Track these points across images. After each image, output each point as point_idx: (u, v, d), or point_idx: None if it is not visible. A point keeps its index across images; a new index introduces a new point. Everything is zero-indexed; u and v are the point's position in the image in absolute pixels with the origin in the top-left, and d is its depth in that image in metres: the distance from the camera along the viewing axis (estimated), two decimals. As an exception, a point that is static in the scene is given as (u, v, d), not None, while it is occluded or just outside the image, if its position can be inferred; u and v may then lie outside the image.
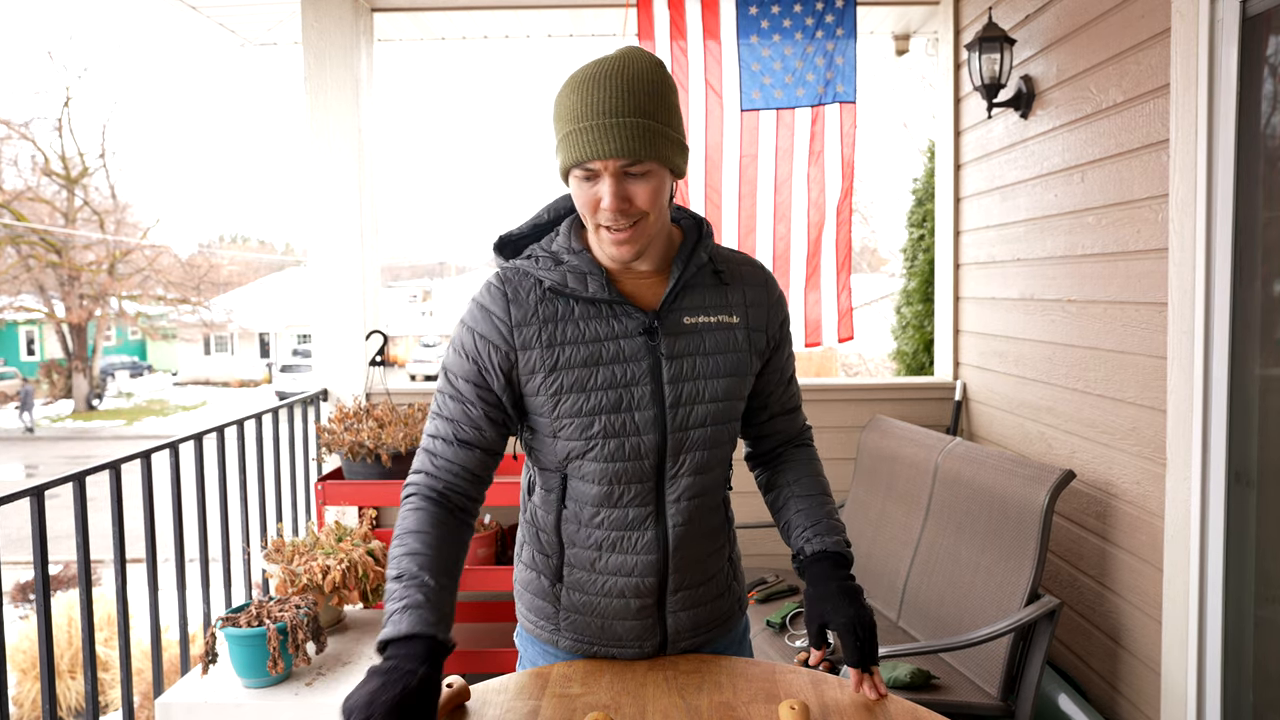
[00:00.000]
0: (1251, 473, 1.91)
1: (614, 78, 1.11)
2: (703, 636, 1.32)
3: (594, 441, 1.20)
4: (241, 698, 2.02)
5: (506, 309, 1.20)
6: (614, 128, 1.09)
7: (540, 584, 1.31)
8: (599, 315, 1.20)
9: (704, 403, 1.22)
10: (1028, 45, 2.75)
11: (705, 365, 1.22)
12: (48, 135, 26.67)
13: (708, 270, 1.27)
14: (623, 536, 1.24)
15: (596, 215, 1.14)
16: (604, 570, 1.26)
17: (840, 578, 1.23)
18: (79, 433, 21.68)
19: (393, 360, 3.43)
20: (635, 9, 3.33)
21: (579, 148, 1.11)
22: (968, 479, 2.46)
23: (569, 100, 1.12)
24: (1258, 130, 1.85)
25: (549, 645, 1.33)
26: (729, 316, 1.26)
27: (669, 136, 1.14)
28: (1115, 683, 2.34)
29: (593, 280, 1.20)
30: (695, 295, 1.25)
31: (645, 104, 1.11)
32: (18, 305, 25.08)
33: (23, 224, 23.52)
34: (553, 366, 1.19)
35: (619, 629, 1.28)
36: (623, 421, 1.19)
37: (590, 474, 1.22)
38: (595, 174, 1.12)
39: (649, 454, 1.21)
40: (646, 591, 1.26)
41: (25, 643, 5.05)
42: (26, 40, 48.29)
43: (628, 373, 1.19)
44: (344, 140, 3.29)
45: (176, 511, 2.40)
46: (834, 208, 3.43)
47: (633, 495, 1.23)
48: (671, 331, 1.21)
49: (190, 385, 30.18)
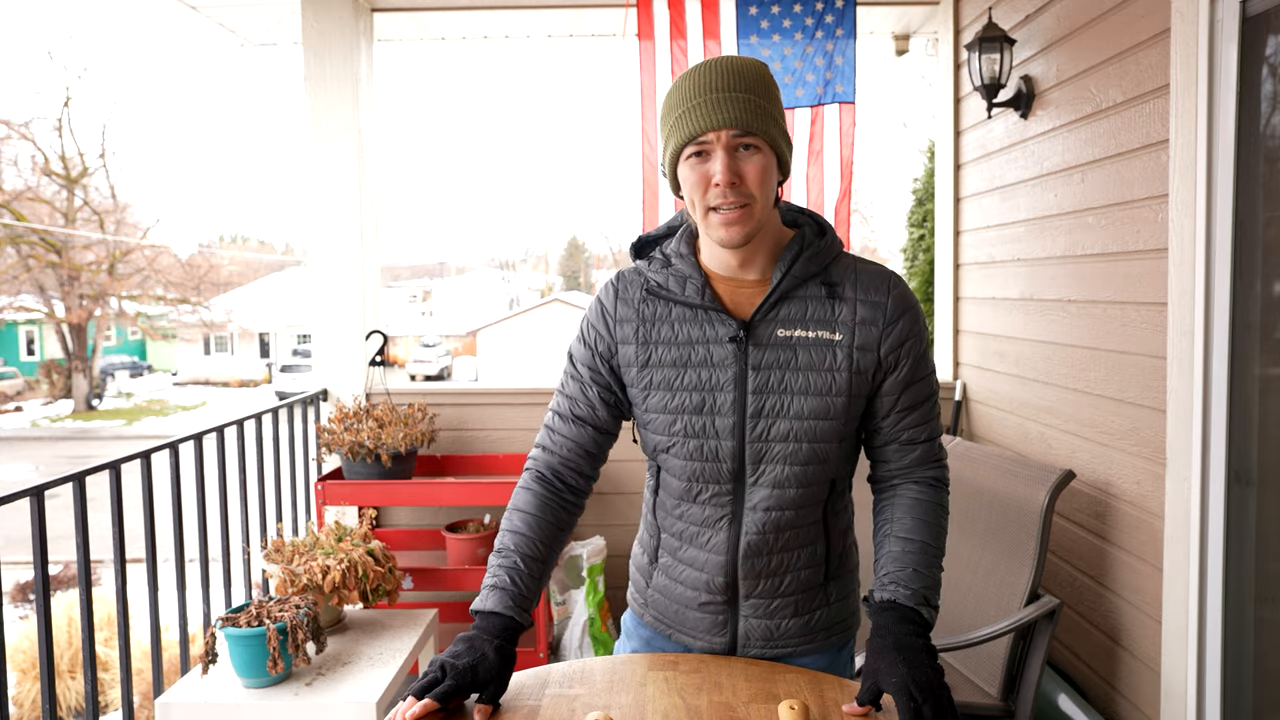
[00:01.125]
0: (1251, 472, 1.91)
1: (723, 63, 1.16)
2: (779, 649, 1.31)
3: (676, 439, 1.25)
4: (241, 698, 2.02)
5: (614, 304, 1.28)
6: (725, 101, 1.13)
7: (642, 560, 1.40)
8: (694, 319, 1.24)
9: (788, 418, 1.21)
10: (1028, 45, 2.75)
11: (794, 380, 1.20)
12: (48, 135, 26.67)
13: (817, 281, 1.22)
14: (699, 532, 1.29)
15: (707, 196, 1.16)
16: (683, 560, 1.31)
17: (902, 633, 1.13)
18: (79, 433, 21.67)
19: (393, 360, 3.43)
20: (635, 9, 3.34)
21: (692, 122, 1.14)
22: (968, 479, 2.46)
23: (680, 87, 1.17)
24: (1258, 130, 1.85)
25: (639, 618, 1.41)
26: (831, 333, 1.20)
27: (777, 121, 1.17)
28: (1115, 683, 2.34)
29: (691, 284, 1.24)
30: (796, 307, 1.21)
31: (754, 85, 1.15)
32: (17, 305, 25.07)
33: (23, 224, 23.51)
34: (645, 363, 1.25)
35: (692, 619, 1.33)
36: (703, 424, 1.23)
37: (673, 468, 1.28)
38: (707, 151, 1.15)
39: (727, 459, 1.23)
40: (717, 589, 1.29)
41: (25, 643, 5.05)
42: (26, 40, 48.30)
43: (714, 377, 1.22)
44: (344, 140, 3.29)
45: (176, 511, 2.40)
46: (833, 207, 3.44)
47: (710, 495, 1.26)
48: (761, 343, 1.21)
49: (190, 385, 30.18)
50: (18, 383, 26.17)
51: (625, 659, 1.30)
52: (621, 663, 1.29)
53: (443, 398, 3.42)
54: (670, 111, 1.18)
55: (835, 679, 1.23)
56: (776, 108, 1.17)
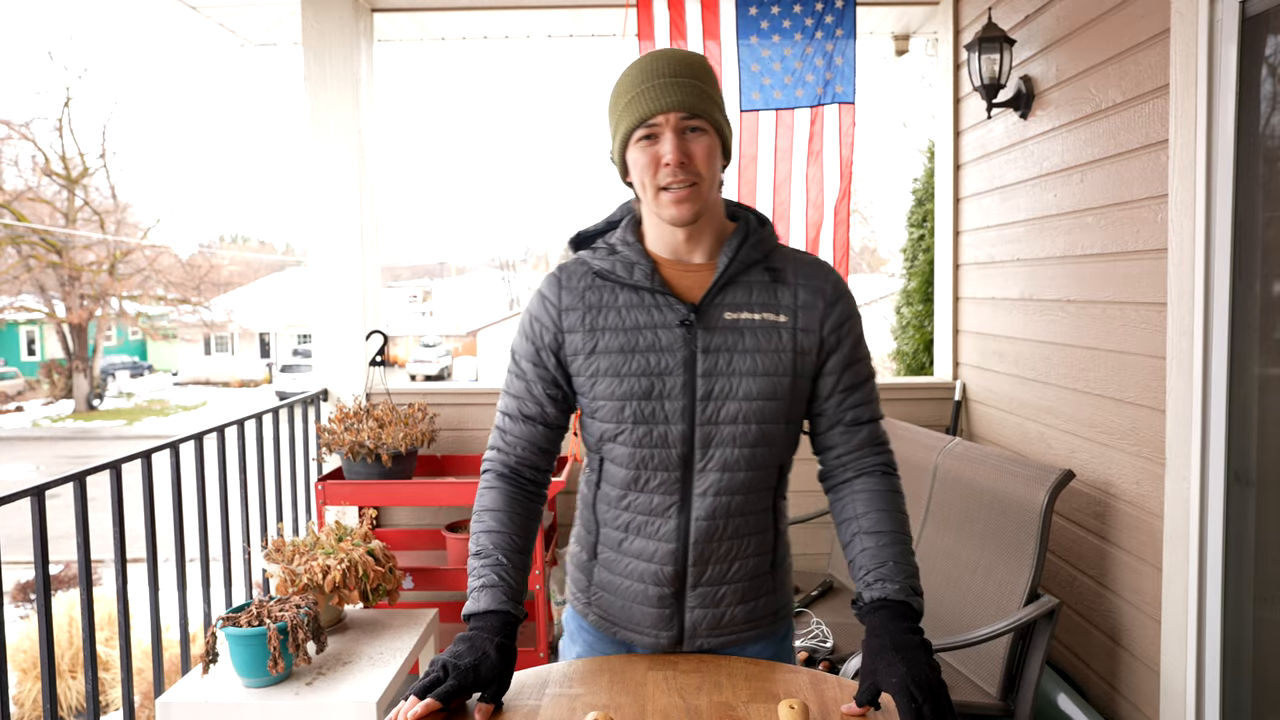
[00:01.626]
0: (1250, 472, 1.91)
1: (670, 53, 1.22)
2: (724, 638, 1.32)
3: (624, 425, 1.25)
4: (242, 697, 2.02)
5: (558, 294, 1.28)
6: (674, 85, 1.19)
7: (581, 557, 1.39)
8: (641, 304, 1.25)
9: (737, 399, 1.23)
10: (1027, 45, 2.75)
11: (742, 362, 1.23)
12: (48, 135, 26.64)
13: (760, 267, 1.27)
14: (646, 521, 1.28)
15: (657, 176, 1.20)
16: (628, 553, 1.31)
17: (897, 631, 1.14)
18: (79, 433, 21.67)
19: (393, 360, 3.44)
20: (635, 9, 3.34)
21: (643, 105, 1.19)
22: (967, 479, 2.46)
23: (628, 75, 1.23)
24: (1257, 130, 1.85)
25: (582, 618, 1.40)
26: (776, 315, 1.25)
27: (720, 106, 1.24)
28: (1114, 682, 2.35)
29: (639, 269, 1.25)
30: (741, 292, 1.26)
31: (699, 72, 1.22)
32: (18, 305, 25.07)
33: (23, 224, 23.51)
34: (591, 350, 1.25)
35: (638, 614, 1.32)
36: (653, 409, 1.24)
37: (619, 457, 1.27)
38: (656, 133, 1.20)
39: (676, 443, 1.24)
40: (665, 580, 1.29)
41: (26, 642, 5.05)
42: (27, 40, 48.32)
43: (662, 362, 1.23)
44: (344, 140, 3.30)
45: (177, 511, 2.40)
46: (832, 207, 3.44)
47: (658, 482, 1.27)
48: (710, 326, 1.24)
49: (191, 385, 30.18)
50: (18, 383, 26.18)
51: (625, 659, 1.30)
52: (621, 663, 1.29)
53: (443, 398, 3.42)
54: (619, 99, 1.23)
55: (835, 678, 1.23)
56: (718, 94, 1.24)
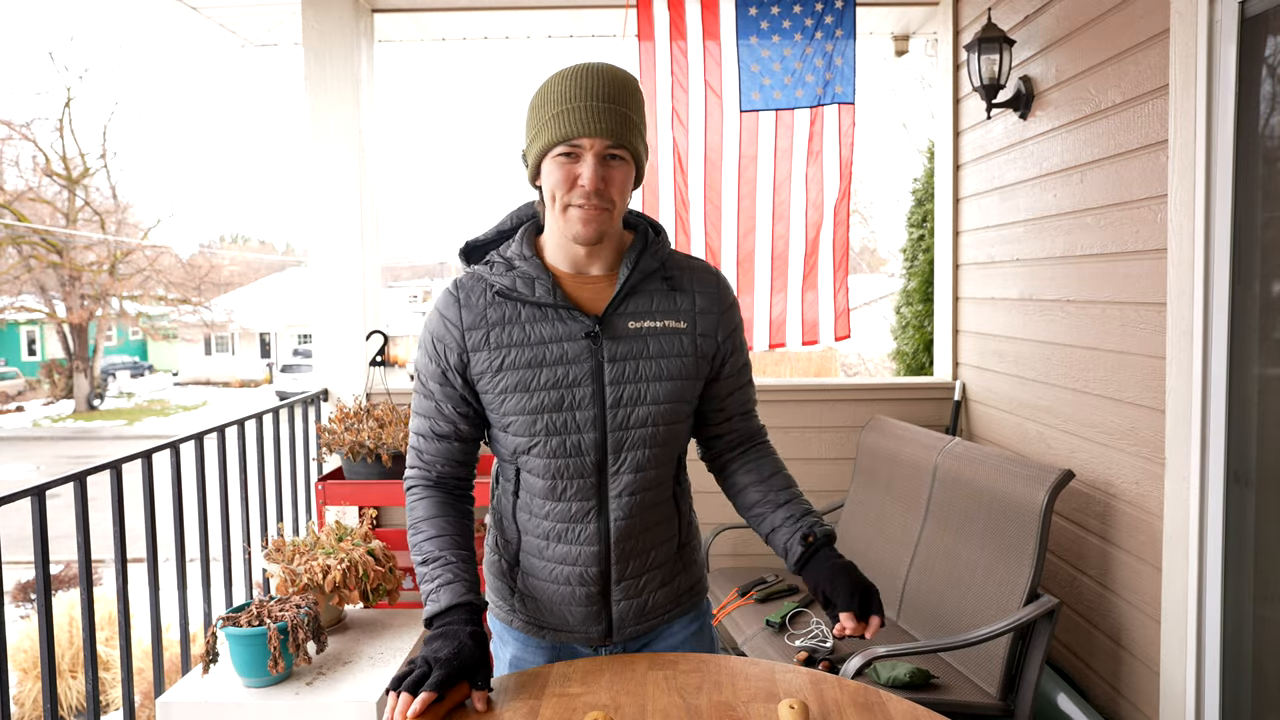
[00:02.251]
0: (1250, 473, 1.91)
1: (603, 73, 1.21)
2: (650, 623, 1.38)
3: (537, 438, 1.27)
4: (242, 697, 2.02)
5: (459, 314, 1.28)
6: (604, 111, 1.19)
7: (500, 566, 1.40)
8: (545, 319, 1.26)
9: (645, 404, 1.28)
10: (1027, 46, 2.75)
11: (648, 368, 1.28)
12: (49, 136, 26.59)
13: (657, 276, 1.31)
14: (567, 528, 1.31)
15: (570, 194, 1.21)
16: (551, 558, 1.33)
17: (836, 555, 1.32)
18: (80, 433, 21.68)
19: (393, 360, 3.44)
20: (635, 10, 3.34)
21: (569, 125, 1.18)
22: (967, 479, 2.47)
23: (559, 87, 1.21)
24: (1256, 130, 1.85)
25: (506, 625, 1.41)
26: (676, 322, 1.30)
27: (642, 135, 1.26)
28: (1114, 682, 2.35)
29: (540, 285, 1.26)
30: (642, 300, 1.29)
31: (629, 100, 1.22)
32: (19, 305, 25.07)
33: (24, 224, 23.51)
34: (499, 367, 1.26)
35: (566, 614, 1.35)
36: (564, 420, 1.26)
37: (535, 468, 1.29)
38: (577, 154, 1.20)
39: (589, 451, 1.27)
40: (591, 580, 1.32)
41: (26, 642, 5.06)
42: (28, 41, 48.31)
43: (570, 374, 1.25)
44: (344, 140, 3.30)
45: (177, 511, 2.40)
46: (832, 208, 3.44)
47: (575, 490, 1.29)
48: (614, 335, 1.27)
49: (191, 385, 30.18)
50: (19, 383, 26.18)
51: (625, 658, 1.31)
52: (621, 663, 1.29)
53: (443, 398, 3.42)
54: (546, 108, 1.21)
55: (835, 678, 1.24)
56: (643, 119, 1.26)
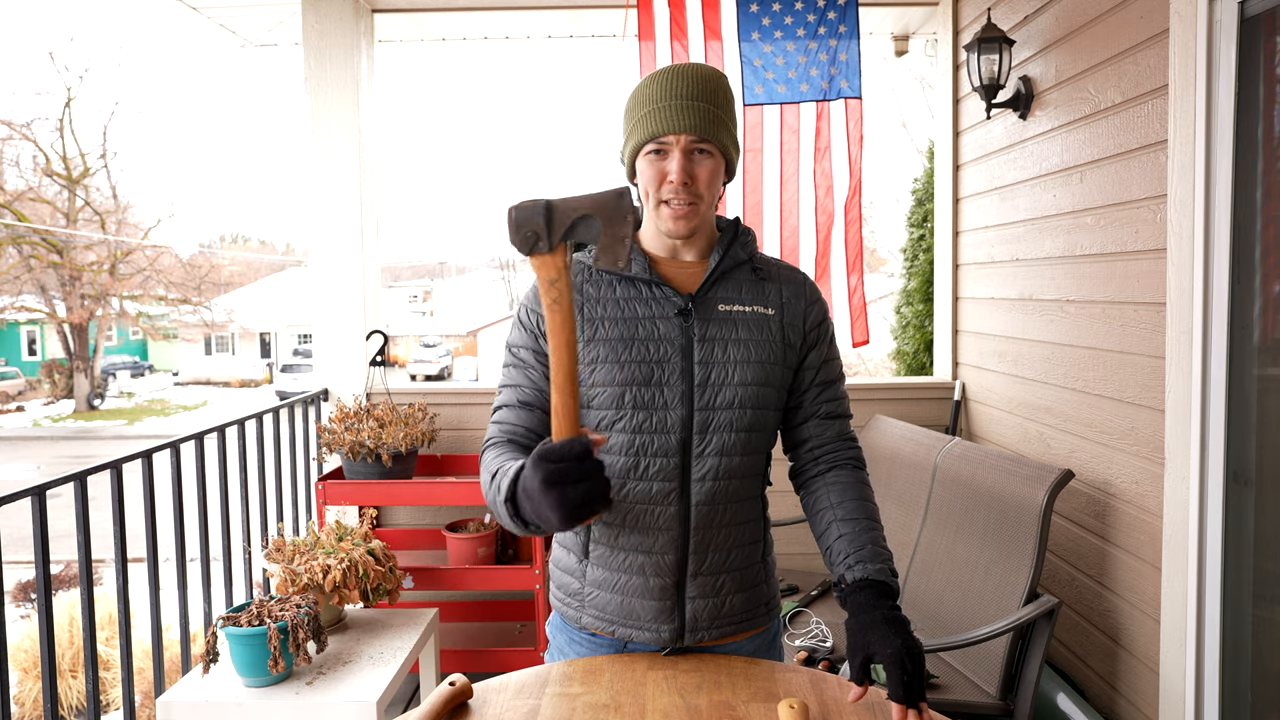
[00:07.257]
0: (1250, 472, 1.91)
1: (690, 72, 1.26)
2: (724, 629, 1.33)
3: (624, 411, 1.27)
4: (242, 697, 2.02)
5: None
6: (689, 109, 1.24)
7: (569, 560, 1.37)
8: (639, 296, 1.30)
9: (733, 385, 1.28)
10: (1026, 46, 2.75)
11: (737, 350, 1.29)
12: (49, 136, 26.59)
13: (747, 267, 1.35)
14: (646, 510, 1.29)
15: (660, 190, 1.27)
16: (625, 546, 1.31)
17: (885, 607, 1.19)
18: (80, 432, 21.68)
19: (393, 360, 3.44)
20: (636, 9, 3.34)
21: (656, 123, 1.24)
22: (967, 478, 2.47)
23: (648, 89, 1.27)
24: (1256, 130, 1.86)
25: (573, 626, 1.38)
26: (764, 308, 1.33)
27: (730, 130, 1.29)
28: (1114, 682, 2.35)
29: (636, 263, 1.30)
30: (732, 286, 1.33)
31: (715, 96, 1.26)
32: (19, 305, 25.07)
33: (24, 224, 23.50)
34: (590, 338, 1.29)
35: (638, 608, 1.31)
36: (652, 395, 1.27)
37: (617, 445, 1.28)
38: (665, 150, 1.26)
39: (675, 428, 1.27)
40: (666, 570, 1.30)
41: (27, 642, 5.05)
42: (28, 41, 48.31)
43: (660, 350, 1.28)
44: (344, 140, 3.30)
45: (177, 511, 2.40)
46: (842, 206, 3.39)
47: (657, 469, 1.28)
48: (705, 316, 1.30)
49: (191, 385, 30.18)
50: (19, 383, 26.18)
51: (626, 658, 1.31)
52: (622, 663, 1.29)
53: (443, 397, 3.42)
54: (636, 109, 1.28)
55: (835, 678, 1.24)
56: (731, 117, 1.29)
